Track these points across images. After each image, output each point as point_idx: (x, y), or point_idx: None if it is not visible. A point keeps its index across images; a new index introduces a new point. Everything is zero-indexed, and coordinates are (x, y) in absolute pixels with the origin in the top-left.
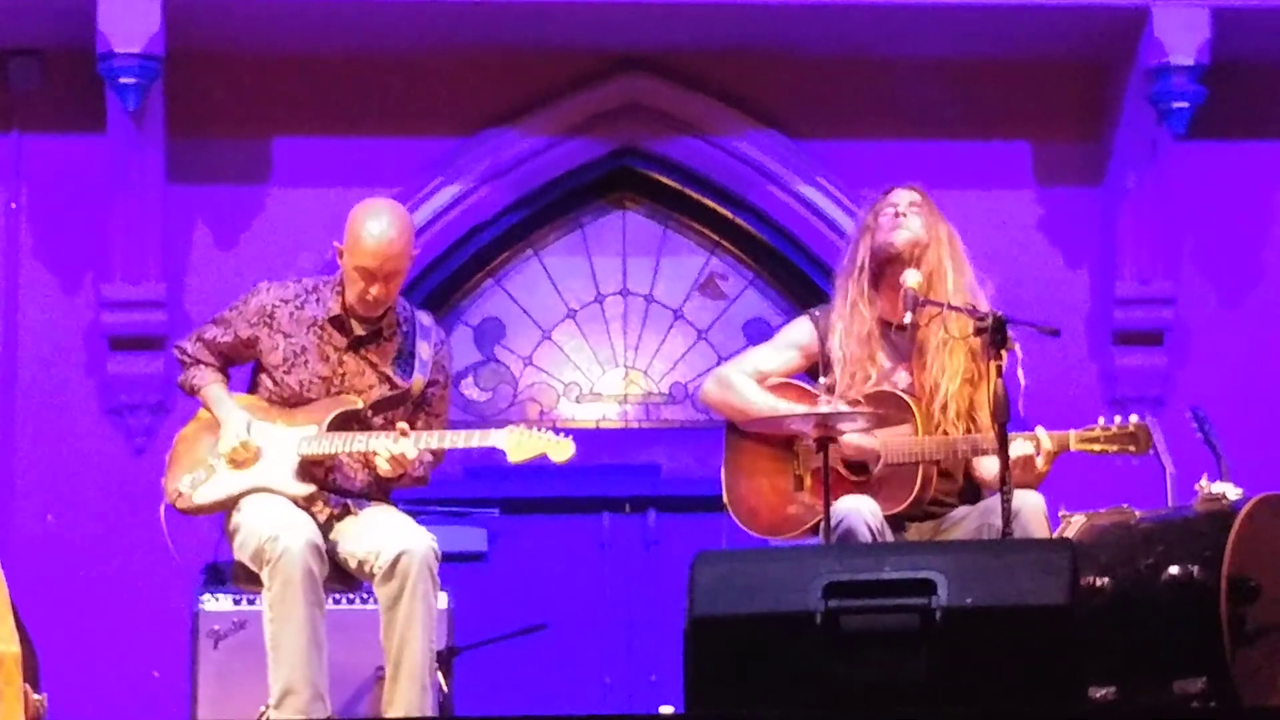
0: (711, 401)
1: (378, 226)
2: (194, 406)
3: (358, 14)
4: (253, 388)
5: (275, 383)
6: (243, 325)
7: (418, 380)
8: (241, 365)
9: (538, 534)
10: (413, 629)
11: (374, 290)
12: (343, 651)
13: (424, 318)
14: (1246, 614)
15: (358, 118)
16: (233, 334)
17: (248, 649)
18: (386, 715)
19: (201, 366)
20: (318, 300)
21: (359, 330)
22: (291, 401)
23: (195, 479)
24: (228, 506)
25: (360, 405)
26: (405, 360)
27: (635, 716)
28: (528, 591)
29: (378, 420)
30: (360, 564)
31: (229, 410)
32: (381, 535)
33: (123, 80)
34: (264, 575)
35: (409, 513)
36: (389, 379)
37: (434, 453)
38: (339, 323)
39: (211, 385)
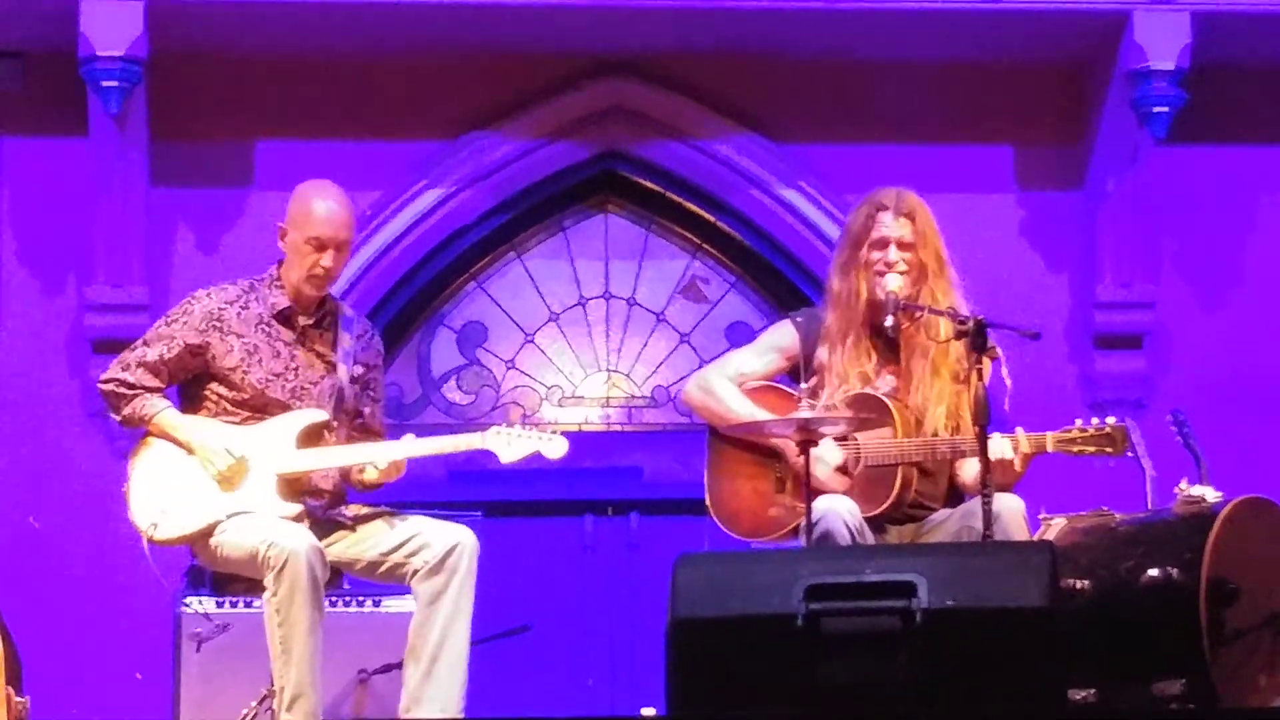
0: (693, 405)
1: (327, 197)
2: None
3: (341, 17)
4: (190, 409)
5: (232, 386)
6: (190, 334)
7: (342, 369)
8: (180, 383)
9: (521, 536)
10: (457, 623)
11: (325, 261)
12: (323, 654)
13: (346, 309)
14: (1225, 616)
15: (340, 121)
16: (180, 345)
17: (230, 651)
18: (414, 712)
19: (147, 395)
20: (258, 299)
21: (305, 321)
22: (253, 403)
23: (168, 509)
24: (208, 534)
25: (326, 416)
26: (340, 349)
27: (617, 718)
28: (511, 594)
29: (335, 421)
30: (379, 565)
31: (199, 430)
32: (419, 531)
33: (105, 83)
34: (267, 580)
35: (391, 514)
36: (335, 367)
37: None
38: (285, 316)
39: (165, 411)
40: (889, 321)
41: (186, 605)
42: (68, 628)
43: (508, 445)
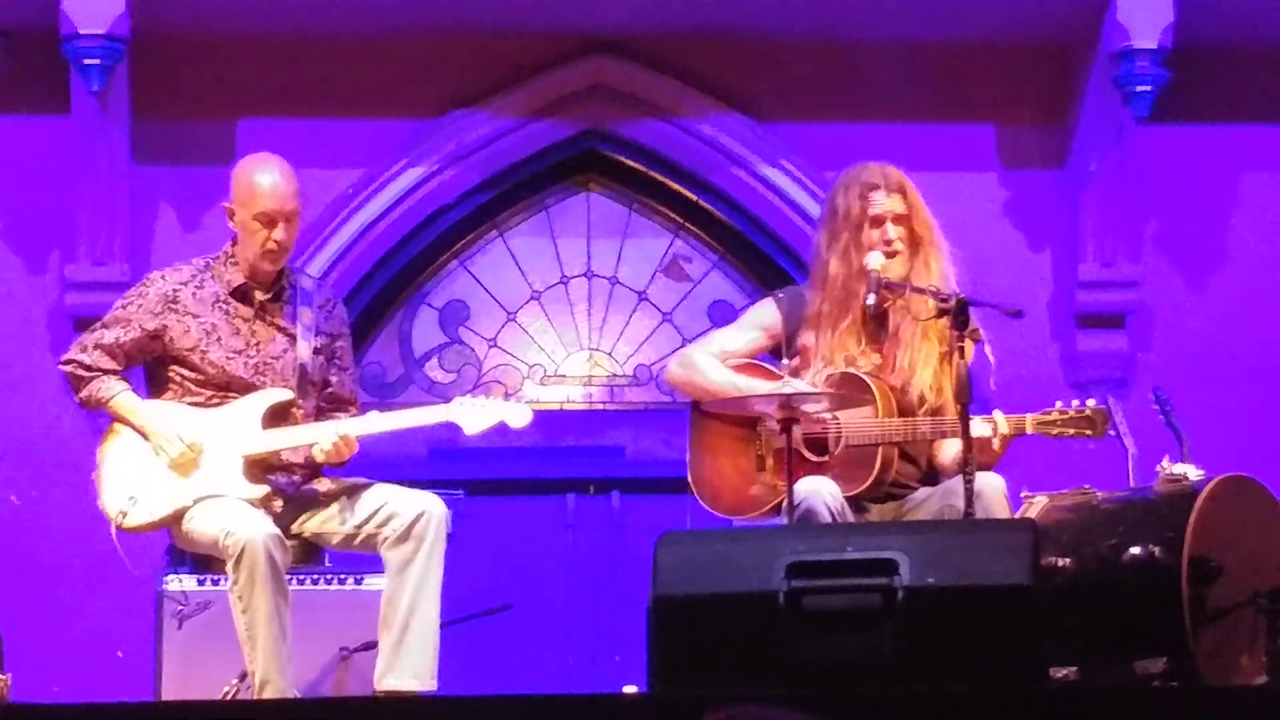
0: (676, 382)
1: (269, 170)
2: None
3: None
4: (156, 391)
5: (193, 367)
6: (146, 317)
7: (303, 343)
8: (139, 366)
9: (503, 515)
10: (427, 590)
11: (277, 234)
12: (304, 632)
13: (305, 281)
14: (1207, 594)
15: (323, 99)
16: (136, 329)
17: (212, 628)
18: (388, 680)
19: (105, 377)
20: (213, 277)
21: (261, 296)
22: (216, 382)
23: (138, 496)
24: (178, 519)
25: (290, 395)
26: (301, 321)
27: (599, 696)
28: (493, 572)
29: (301, 397)
30: (354, 538)
31: (154, 415)
32: (388, 500)
33: (87, 61)
34: (228, 569)
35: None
36: (296, 340)
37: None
38: (242, 293)
39: (122, 394)
40: (870, 299)
41: (168, 583)
42: (49, 605)
43: (471, 416)
